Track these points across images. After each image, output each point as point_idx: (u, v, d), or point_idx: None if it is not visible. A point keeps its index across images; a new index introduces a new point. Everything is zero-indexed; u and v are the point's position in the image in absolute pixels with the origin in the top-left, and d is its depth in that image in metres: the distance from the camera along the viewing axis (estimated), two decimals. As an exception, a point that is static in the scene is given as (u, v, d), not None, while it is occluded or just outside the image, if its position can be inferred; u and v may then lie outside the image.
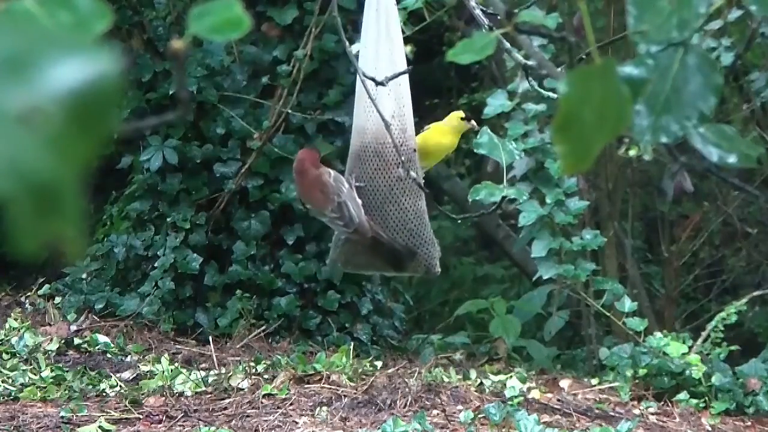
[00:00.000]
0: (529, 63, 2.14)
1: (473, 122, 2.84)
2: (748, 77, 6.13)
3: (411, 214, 2.73)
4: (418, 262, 2.74)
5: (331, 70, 5.73)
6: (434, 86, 8.34)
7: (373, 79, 2.40)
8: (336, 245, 2.78)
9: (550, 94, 2.56)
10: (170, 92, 5.59)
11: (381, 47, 2.66)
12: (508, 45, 2.15)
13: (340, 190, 2.66)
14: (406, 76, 2.65)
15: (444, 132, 2.85)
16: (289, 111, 5.55)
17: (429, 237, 2.76)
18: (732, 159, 1.04)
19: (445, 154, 2.92)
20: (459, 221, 7.55)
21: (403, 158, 2.56)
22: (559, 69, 1.12)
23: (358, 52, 2.66)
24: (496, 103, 5.46)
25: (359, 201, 2.68)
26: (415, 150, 2.73)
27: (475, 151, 2.51)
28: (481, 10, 2.19)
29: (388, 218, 2.71)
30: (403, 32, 3.88)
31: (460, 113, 2.86)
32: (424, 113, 8.02)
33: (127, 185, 6.04)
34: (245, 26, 0.86)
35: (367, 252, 2.71)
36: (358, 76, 2.53)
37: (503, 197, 2.41)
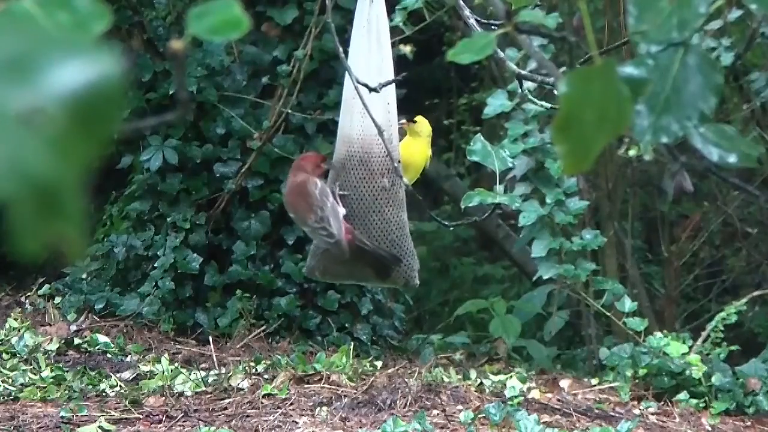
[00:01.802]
0: (523, 72, 2.14)
1: (406, 122, 2.85)
2: (748, 77, 6.13)
3: (393, 225, 2.73)
4: (399, 273, 2.75)
5: (331, 70, 5.72)
6: (434, 86, 8.34)
7: (366, 86, 2.40)
8: (314, 254, 2.79)
9: (544, 104, 2.55)
10: (170, 92, 5.59)
11: (371, 53, 2.66)
12: (501, 54, 2.15)
13: (323, 203, 2.66)
14: (393, 87, 2.66)
15: (408, 144, 2.85)
16: (289, 111, 5.55)
17: (409, 248, 2.76)
18: (732, 159, 1.04)
19: (424, 164, 2.91)
20: (452, 227, 7.55)
21: (396, 165, 2.56)
22: (560, 69, 1.12)
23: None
24: (496, 103, 5.46)
25: (342, 213, 2.68)
26: (399, 161, 2.73)
27: (468, 158, 2.51)
28: (476, 19, 2.19)
29: (371, 228, 2.72)
30: (403, 32, 3.88)
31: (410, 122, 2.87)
32: (424, 113, 8.03)
33: (127, 185, 6.04)
34: (244, 27, 0.86)
35: (348, 261, 2.71)
36: (348, 83, 2.53)
37: (496, 205, 2.41)
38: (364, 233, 2.71)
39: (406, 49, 2.69)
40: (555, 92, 0.95)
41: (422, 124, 2.90)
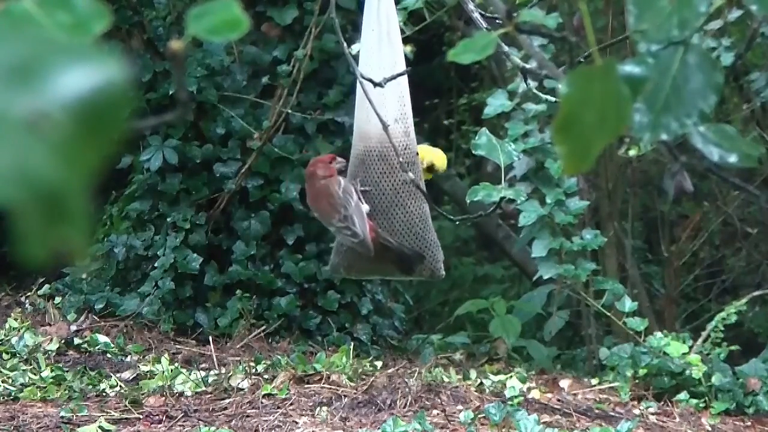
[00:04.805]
0: (527, 66, 2.13)
1: (434, 171, 2.82)
2: (748, 77, 6.13)
3: (416, 218, 2.72)
4: (424, 265, 2.74)
5: (331, 70, 5.72)
6: (434, 86, 8.34)
7: (371, 81, 2.39)
8: (338, 251, 2.77)
9: (549, 97, 2.54)
10: (170, 92, 5.59)
11: (382, 49, 2.65)
12: (506, 48, 2.15)
13: (347, 202, 2.65)
14: (406, 78, 2.64)
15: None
16: (289, 111, 5.55)
17: (433, 240, 2.75)
18: (732, 158, 1.04)
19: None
20: (458, 222, 7.56)
21: (401, 159, 2.55)
22: (560, 69, 1.12)
23: (358, 53, 2.65)
24: (496, 103, 5.46)
25: (366, 209, 2.68)
26: (417, 153, 2.72)
27: (473, 152, 2.50)
28: (480, 13, 2.18)
29: (395, 222, 2.71)
30: (403, 32, 3.88)
31: (430, 160, 2.82)
32: (424, 113, 8.04)
33: (127, 185, 6.04)
34: (244, 27, 0.86)
35: (373, 258, 2.70)
36: (357, 78, 2.52)
37: (502, 198, 2.40)
38: (387, 228, 2.70)
39: (406, 49, 2.69)
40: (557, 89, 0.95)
41: (442, 165, 2.85)
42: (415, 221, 2.72)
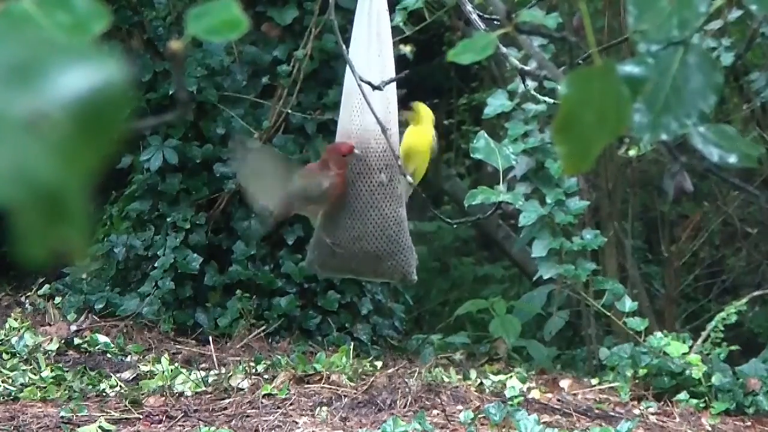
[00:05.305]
0: (525, 68, 2.13)
1: (410, 107, 2.80)
2: (748, 77, 6.13)
3: (391, 221, 2.71)
4: (395, 268, 2.73)
5: (331, 70, 5.72)
6: (434, 86, 8.34)
7: (369, 83, 2.40)
8: (312, 249, 2.79)
9: (547, 99, 2.54)
10: (170, 92, 5.59)
11: (372, 53, 2.65)
12: (504, 50, 2.15)
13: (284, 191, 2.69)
14: (394, 84, 2.65)
15: (409, 132, 2.80)
16: (289, 111, 5.55)
17: (407, 244, 2.75)
18: (732, 159, 1.04)
19: (428, 150, 2.83)
20: (457, 225, 7.56)
21: (399, 162, 2.55)
22: (560, 70, 1.11)
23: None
24: (496, 103, 5.46)
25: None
26: (398, 157, 2.71)
27: (471, 155, 2.50)
28: (478, 14, 2.18)
29: (368, 224, 2.70)
30: (403, 32, 3.88)
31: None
32: (424, 113, 8.03)
33: (127, 185, 6.04)
34: (243, 27, 0.86)
35: (343, 256, 2.70)
36: (349, 80, 2.52)
37: (499, 202, 2.40)
38: (361, 229, 2.71)
39: (406, 49, 2.69)
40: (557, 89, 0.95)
41: (420, 107, 2.82)
42: (389, 224, 2.71)
